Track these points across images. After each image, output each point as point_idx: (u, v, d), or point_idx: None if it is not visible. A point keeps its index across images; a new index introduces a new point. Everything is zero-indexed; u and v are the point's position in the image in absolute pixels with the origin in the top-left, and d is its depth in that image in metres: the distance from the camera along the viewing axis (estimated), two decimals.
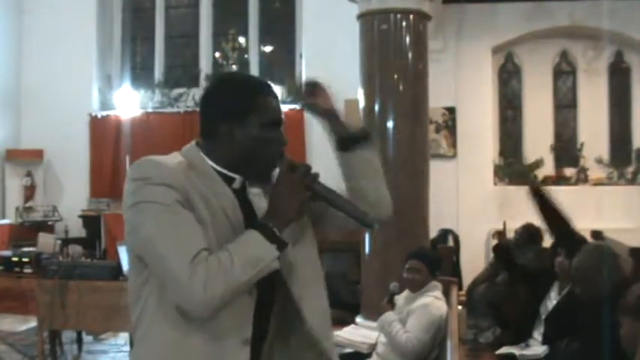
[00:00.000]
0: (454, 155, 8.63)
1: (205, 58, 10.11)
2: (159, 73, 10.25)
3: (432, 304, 3.72)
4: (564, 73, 9.24)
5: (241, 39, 10.15)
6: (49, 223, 9.39)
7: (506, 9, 8.47)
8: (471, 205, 8.36)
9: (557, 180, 8.71)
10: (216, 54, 10.17)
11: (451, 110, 8.61)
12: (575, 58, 9.12)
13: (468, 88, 8.56)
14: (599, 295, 3.07)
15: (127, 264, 1.66)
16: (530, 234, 5.60)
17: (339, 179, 1.73)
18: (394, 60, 6.01)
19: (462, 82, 8.52)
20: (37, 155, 9.72)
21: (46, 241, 5.55)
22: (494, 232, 7.32)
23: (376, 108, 6.01)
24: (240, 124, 1.60)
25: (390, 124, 5.96)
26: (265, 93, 1.64)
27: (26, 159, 9.74)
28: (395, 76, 6.02)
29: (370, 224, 1.61)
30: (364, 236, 6.01)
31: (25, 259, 5.13)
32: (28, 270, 5.06)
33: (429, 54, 6.29)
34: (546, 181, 8.36)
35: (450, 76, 8.37)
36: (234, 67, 9.98)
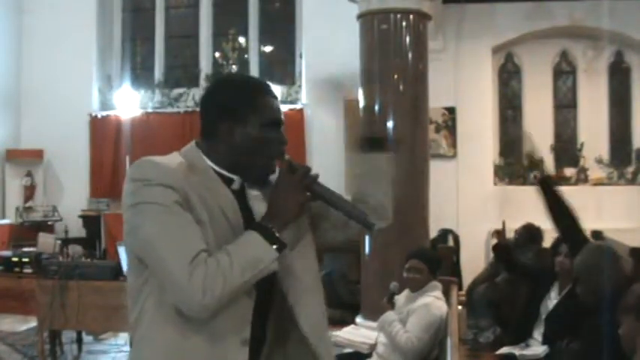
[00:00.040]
0: (454, 155, 8.63)
1: (205, 58, 10.11)
2: (159, 73, 10.25)
3: (432, 303, 3.72)
4: (564, 73, 9.24)
5: (241, 39, 10.16)
6: (49, 223, 9.39)
7: (506, 9, 8.47)
8: (471, 205, 8.36)
9: (557, 180, 8.70)
10: (216, 54, 10.17)
11: (451, 110, 8.61)
12: (575, 58, 9.12)
13: (468, 88, 8.56)
14: (599, 295, 3.07)
15: (126, 264, 1.66)
16: (531, 234, 5.60)
17: (339, 179, 1.74)
18: (394, 60, 6.00)
19: (462, 82, 8.52)
20: (37, 155, 9.71)
21: (46, 241, 5.55)
22: (493, 231, 7.32)
23: (376, 108, 6.00)
24: (240, 124, 1.60)
25: (390, 124, 5.95)
26: (265, 93, 1.64)
27: (26, 159, 9.74)
28: (395, 76, 6.01)
29: (370, 225, 1.61)
30: (364, 236, 6.00)
31: (25, 259, 5.14)
32: (28, 270, 5.08)
33: (429, 54, 6.28)
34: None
35: (450, 76, 8.37)
36: (234, 67, 9.98)
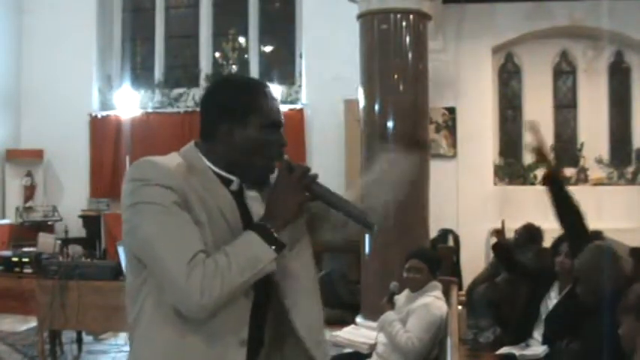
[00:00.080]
0: (454, 155, 8.62)
1: (205, 58, 10.11)
2: (159, 73, 10.25)
3: (432, 303, 3.72)
4: (564, 73, 9.24)
5: (241, 39, 10.16)
6: (49, 223, 9.39)
7: (506, 9, 8.46)
8: (471, 205, 8.35)
9: (564, 176, 8.69)
10: (216, 54, 10.17)
11: (451, 110, 8.61)
12: (575, 58, 9.11)
13: (468, 88, 8.56)
14: (599, 295, 3.07)
15: (125, 264, 1.66)
16: (531, 234, 5.59)
17: (339, 179, 1.75)
18: (394, 60, 6.00)
19: (462, 82, 8.52)
20: (37, 155, 9.72)
21: (46, 241, 5.55)
22: (492, 230, 7.31)
23: (376, 108, 6.00)
24: (240, 125, 1.60)
25: (390, 124, 5.96)
26: (265, 95, 1.64)
27: (26, 159, 9.74)
28: (395, 76, 6.01)
29: (369, 225, 1.60)
30: (364, 236, 6.00)
31: (25, 259, 5.14)
32: (28, 270, 5.08)
33: (429, 54, 6.28)
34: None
35: (450, 76, 8.37)
36: (234, 67, 9.98)
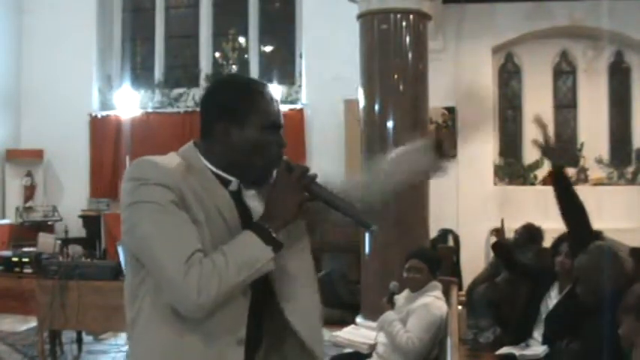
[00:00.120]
0: (454, 155, 8.61)
1: (205, 58, 10.11)
2: (159, 73, 10.25)
3: (432, 303, 3.72)
4: (564, 73, 9.23)
5: (241, 39, 10.16)
6: (49, 223, 9.39)
7: (506, 9, 8.46)
8: (471, 205, 8.35)
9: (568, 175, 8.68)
10: (216, 54, 10.17)
11: (451, 110, 8.61)
12: (575, 58, 9.11)
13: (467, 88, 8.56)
14: (599, 295, 3.07)
15: (125, 264, 1.66)
16: (531, 234, 5.59)
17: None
18: (394, 60, 6.01)
19: (462, 82, 8.52)
20: (37, 155, 9.72)
21: (46, 241, 5.55)
22: (492, 229, 7.31)
23: (376, 108, 6.01)
24: (238, 125, 1.59)
25: (390, 124, 5.96)
26: (265, 95, 1.63)
27: (26, 159, 9.74)
28: (395, 76, 6.02)
29: (368, 225, 1.60)
30: (364, 236, 6.00)
31: (25, 259, 5.14)
32: (28, 270, 5.08)
33: (429, 54, 6.29)
34: (546, 182, 8.35)
35: (450, 76, 8.37)
36: (234, 67, 9.98)
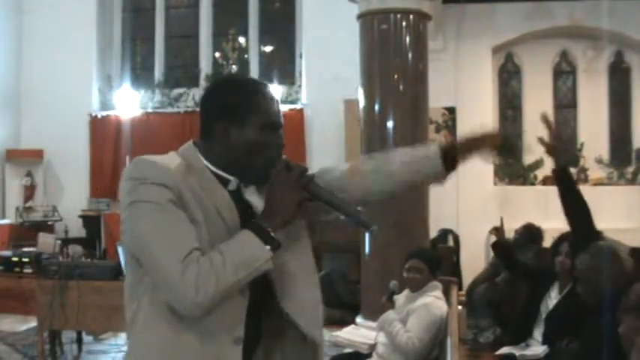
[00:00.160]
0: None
1: (205, 58, 10.11)
2: (159, 73, 10.25)
3: (432, 303, 3.72)
4: (564, 73, 9.24)
5: (241, 39, 10.16)
6: (49, 223, 9.40)
7: (506, 9, 8.46)
8: (471, 205, 8.34)
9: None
10: (216, 54, 10.18)
11: (451, 110, 8.60)
12: (575, 58, 9.11)
13: (468, 88, 8.55)
14: (600, 295, 3.07)
15: (124, 263, 1.66)
16: (531, 234, 5.59)
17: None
18: (394, 60, 6.01)
19: (462, 82, 8.52)
20: (37, 155, 9.72)
21: (46, 241, 5.55)
22: (491, 229, 7.30)
23: (376, 108, 6.01)
24: (237, 124, 1.60)
25: (390, 124, 5.96)
26: (265, 95, 1.63)
27: (26, 159, 9.75)
28: (395, 76, 6.01)
29: (367, 225, 1.60)
30: (364, 236, 6.01)
31: (25, 259, 5.14)
32: (28, 270, 5.08)
33: (429, 54, 6.28)
34: (546, 182, 8.35)
35: (450, 76, 8.36)
36: (234, 67, 9.98)
